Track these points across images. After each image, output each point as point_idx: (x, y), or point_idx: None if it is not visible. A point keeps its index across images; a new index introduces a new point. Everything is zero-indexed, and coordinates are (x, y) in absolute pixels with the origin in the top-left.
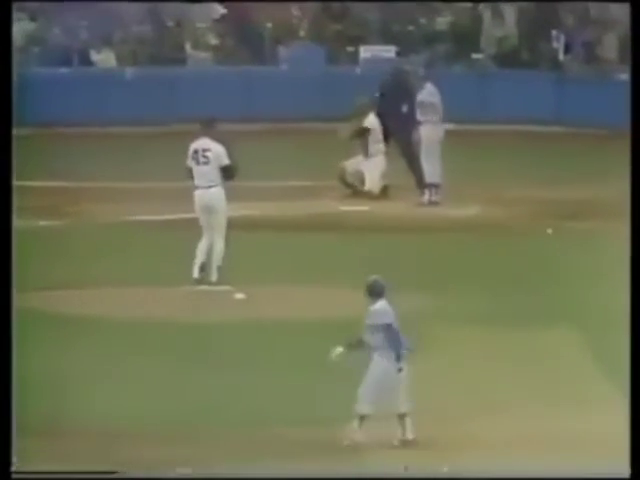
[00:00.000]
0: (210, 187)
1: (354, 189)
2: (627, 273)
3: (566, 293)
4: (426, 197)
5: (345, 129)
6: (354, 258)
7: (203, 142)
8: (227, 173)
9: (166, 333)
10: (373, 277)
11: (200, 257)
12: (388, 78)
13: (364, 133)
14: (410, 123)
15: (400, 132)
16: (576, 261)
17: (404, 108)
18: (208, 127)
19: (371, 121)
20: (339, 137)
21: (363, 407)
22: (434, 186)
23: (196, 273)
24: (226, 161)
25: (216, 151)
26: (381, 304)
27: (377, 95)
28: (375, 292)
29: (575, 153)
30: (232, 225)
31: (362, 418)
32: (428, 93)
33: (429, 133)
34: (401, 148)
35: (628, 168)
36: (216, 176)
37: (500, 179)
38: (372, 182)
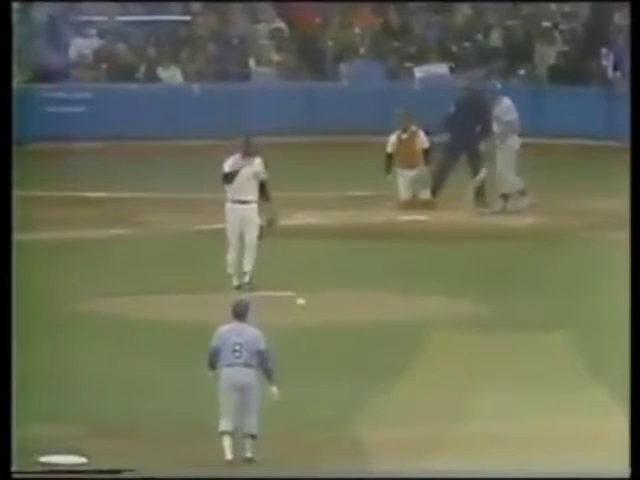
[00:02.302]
0: None
1: (411, 200)
2: None
3: (619, 302)
4: (499, 206)
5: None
6: (411, 265)
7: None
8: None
9: None
10: (240, 298)
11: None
12: (462, 95)
13: (391, 159)
14: (480, 139)
15: (469, 146)
16: (618, 270)
17: (475, 125)
18: (245, 145)
19: (392, 143)
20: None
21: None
22: (506, 197)
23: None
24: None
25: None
26: (228, 326)
27: (450, 111)
28: (237, 313)
29: (625, 166)
30: (295, 233)
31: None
32: (506, 108)
33: (508, 146)
34: (470, 161)
35: None
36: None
37: (553, 190)
38: (426, 191)
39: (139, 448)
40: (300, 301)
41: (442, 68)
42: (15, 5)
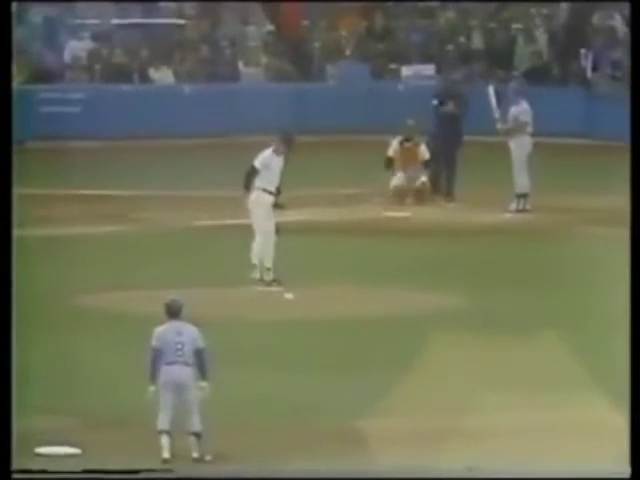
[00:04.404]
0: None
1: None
2: None
3: (605, 297)
4: (514, 206)
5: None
6: (395, 261)
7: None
8: (245, 174)
9: (220, 331)
10: (172, 297)
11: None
12: (442, 87)
13: (391, 163)
14: (458, 133)
15: (447, 142)
16: (604, 265)
17: (454, 118)
18: (281, 142)
19: (394, 148)
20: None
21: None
22: (524, 196)
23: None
24: (253, 162)
25: (260, 155)
26: (164, 326)
27: (435, 103)
28: (171, 312)
29: (602, 164)
30: (284, 229)
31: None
32: (523, 110)
33: (520, 146)
34: (444, 156)
35: None
36: (255, 181)
37: (535, 188)
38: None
39: (134, 441)
40: (288, 296)
41: (429, 69)
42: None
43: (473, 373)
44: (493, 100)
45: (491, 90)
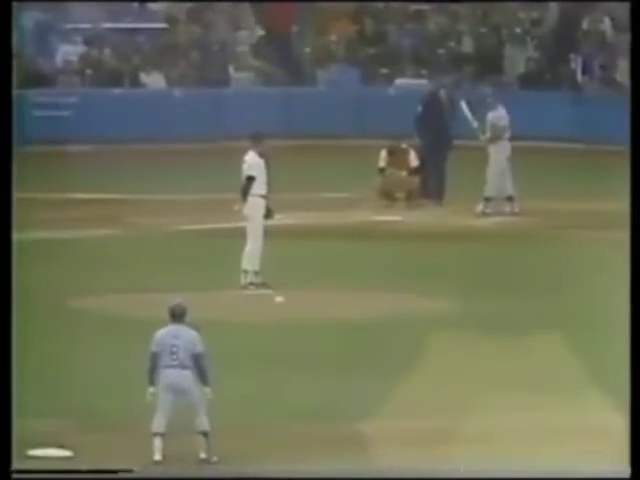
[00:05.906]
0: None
1: (392, 198)
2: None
3: (582, 299)
4: (481, 208)
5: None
6: (385, 264)
7: (247, 155)
8: (244, 184)
9: (213, 333)
10: (177, 301)
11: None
12: (427, 95)
13: (383, 173)
14: (446, 137)
15: (436, 146)
16: (595, 268)
17: (441, 123)
18: (254, 141)
19: (383, 157)
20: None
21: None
22: (510, 199)
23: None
24: (247, 172)
25: (247, 163)
26: (164, 329)
27: (418, 110)
28: (174, 315)
29: (592, 167)
30: (274, 233)
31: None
32: (499, 115)
33: (499, 150)
34: (433, 160)
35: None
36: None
37: (521, 191)
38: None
39: (132, 443)
40: (279, 299)
41: (421, 83)
42: None
43: (464, 375)
44: (468, 114)
45: (464, 105)
